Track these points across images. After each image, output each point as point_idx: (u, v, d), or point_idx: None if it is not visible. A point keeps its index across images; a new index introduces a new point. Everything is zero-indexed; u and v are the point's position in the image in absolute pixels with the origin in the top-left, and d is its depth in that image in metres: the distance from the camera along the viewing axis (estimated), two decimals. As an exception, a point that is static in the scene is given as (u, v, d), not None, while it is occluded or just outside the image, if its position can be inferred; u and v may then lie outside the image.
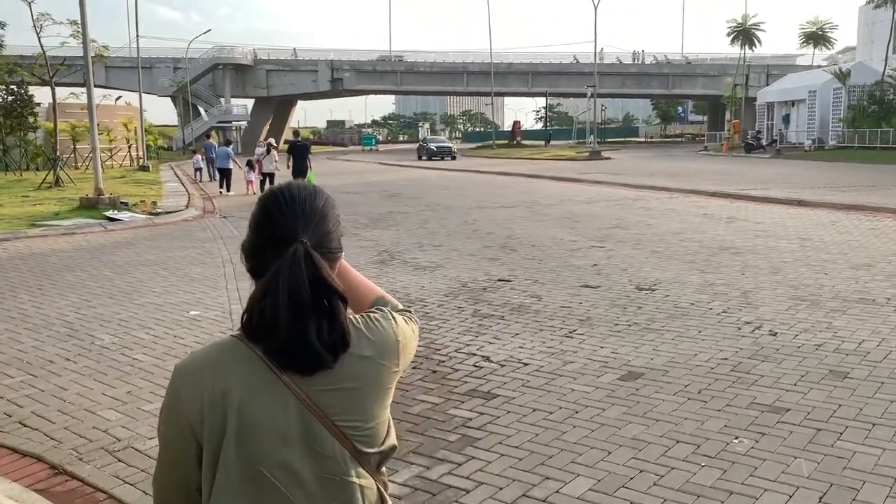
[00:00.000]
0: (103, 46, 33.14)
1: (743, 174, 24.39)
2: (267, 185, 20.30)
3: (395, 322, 1.41)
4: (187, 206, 16.83)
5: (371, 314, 1.40)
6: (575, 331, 6.18)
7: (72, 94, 27.39)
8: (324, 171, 33.69)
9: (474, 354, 5.64)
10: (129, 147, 40.00)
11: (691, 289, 7.56)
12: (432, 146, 48.87)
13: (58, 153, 24.77)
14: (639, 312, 6.69)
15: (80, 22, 17.35)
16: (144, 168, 35.33)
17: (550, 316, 6.68)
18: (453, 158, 46.11)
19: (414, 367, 5.36)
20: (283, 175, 23.39)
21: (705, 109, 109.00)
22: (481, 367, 5.32)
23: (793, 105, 48.15)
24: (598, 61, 51.05)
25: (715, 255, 9.35)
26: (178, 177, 30.46)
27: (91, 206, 15.55)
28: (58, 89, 27.93)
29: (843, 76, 38.86)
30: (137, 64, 37.90)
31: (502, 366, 5.34)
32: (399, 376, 1.40)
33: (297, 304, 1.25)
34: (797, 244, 10.06)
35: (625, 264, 8.96)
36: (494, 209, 15.63)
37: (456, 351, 5.74)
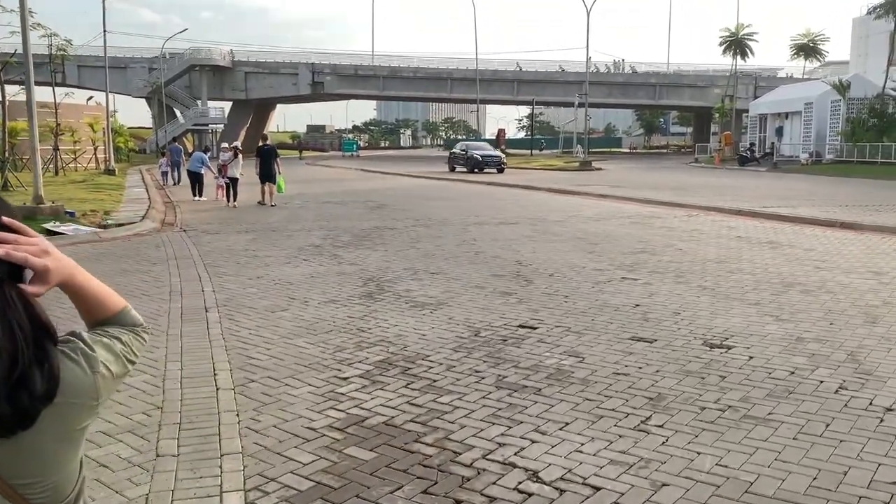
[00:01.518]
0: (66, 41, 31.04)
1: (752, 189, 22.82)
2: (231, 191, 19.15)
3: (92, 351, 1.19)
4: (143, 217, 14.82)
5: (61, 349, 1.16)
6: (648, 419, 4.36)
7: (22, 89, 25.11)
8: (303, 178, 31.82)
9: (513, 465, 3.79)
10: (96, 149, 37.72)
11: (776, 346, 5.78)
12: (476, 154, 37.05)
13: (5, 154, 22.54)
14: (725, 386, 4.89)
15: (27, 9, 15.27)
16: (110, 172, 33.13)
17: (605, 389, 4.86)
18: (501, 171, 36.00)
19: (424, 491, 3.51)
20: (249, 180, 21.28)
21: (689, 121, 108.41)
22: (529, 495, 3.48)
23: (786, 117, 46.98)
24: (587, 70, 49.47)
25: (781, 295, 7.59)
26: (144, 182, 28.34)
27: (29, 216, 13.47)
28: (14, 87, 25.76)
29: (842, 88, 37.62)
30: (105, 61, 35.65)
31: (561, 492, 3.50)
32: (101, 407, 1.20)
33: (16, 354, 1.06)
34: (873, 280, 8.33)
35: (674, 305, 7.17)
36: (495, 226, 13.82)
37: (485, 457, 3.89)
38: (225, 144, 21.61)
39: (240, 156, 19.40)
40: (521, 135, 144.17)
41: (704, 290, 7.87)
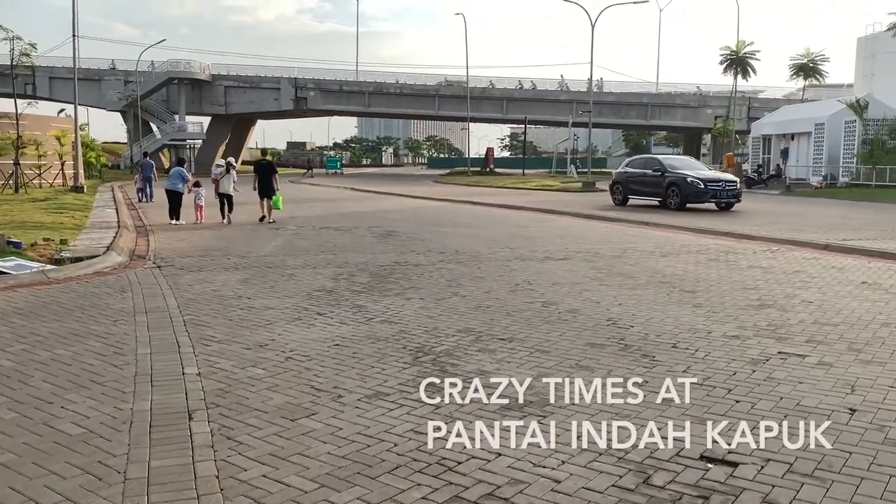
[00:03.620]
0: (30, 45, 28.27)
1: (796, 215, 20.58)
2: (226, 209, 18.22)
3: None
4: (108, 248, 12.11)
5: None
6: None
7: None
8: (290, 198, 29.26)
9: None
10: (63, 164, 34.77)
11: None
12: (693, 178, 21.41)
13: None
14: None
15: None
16: (78, 189, 30.27)
17: None
18: (729, 206, 21.60)
19: None
20: (245, 196, 19.65)
21: (677, 142, 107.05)
22: None
23: (792, 138, 45.24)
24: (590, 88, 47.40)
25: None
26: (115, 200, 25.56)
27: (-40, 248, 10.80)
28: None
29: (860, 108, 35.83)
30: (74, 70, 32.82)
31: None
32: None
33: None
34: None
35: (909, 411, 4.73)
36: (541, 262, 11.33)
37: None
38: (220, 161, 20.18)
39: (233, 171, 18.45)
40: (505, 154, 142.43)
41: (920, 377, 5.43)
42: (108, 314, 7.67)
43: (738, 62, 53.08)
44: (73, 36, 29.88)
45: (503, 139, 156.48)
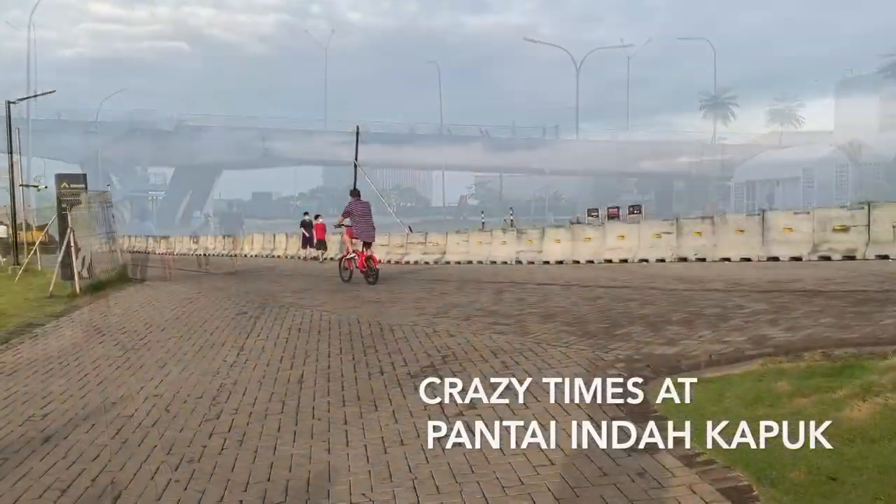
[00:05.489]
0: (-22, 89, 25.83)
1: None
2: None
3: None
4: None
5: None
6: None
7: None
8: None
9: None
10: (11, 219, 31.97)
11: None
12: None
13: None
14: None
15: None
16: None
17: None
18: None
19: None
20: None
21: (647, 188, 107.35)
22: None
23: (777, 184, 44.69)
24: (576, 133, 46.34)
25: None
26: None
27: None
28: None
29: (855, 151, 35.16)
30: (28, 117, 30.35)
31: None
32: None
33: None
34: None
35: None
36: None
37: None
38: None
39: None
40: (472, 203, 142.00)
41: None
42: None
43: (717, 107, 52.86)
44: (27, 70, 27.41)
45: (470, 188, 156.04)
